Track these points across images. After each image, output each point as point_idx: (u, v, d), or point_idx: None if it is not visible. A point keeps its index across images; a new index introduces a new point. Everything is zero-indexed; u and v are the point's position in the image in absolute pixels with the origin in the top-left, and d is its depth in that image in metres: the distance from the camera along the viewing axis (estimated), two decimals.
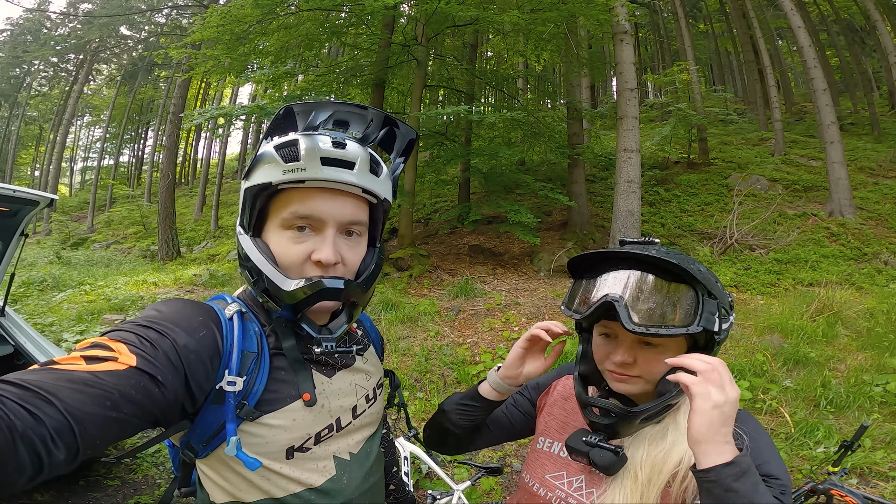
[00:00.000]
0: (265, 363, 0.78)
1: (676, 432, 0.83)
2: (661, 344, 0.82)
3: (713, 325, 0.76)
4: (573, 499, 0.90)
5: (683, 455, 0.80)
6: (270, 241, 0.78)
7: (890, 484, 2.87)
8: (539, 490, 0.95)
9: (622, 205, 6.67)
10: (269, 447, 0.76)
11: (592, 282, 0.84)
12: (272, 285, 0.75)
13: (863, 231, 7.99)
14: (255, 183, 0.75)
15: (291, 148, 0.74)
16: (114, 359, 0.60)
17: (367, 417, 0.92)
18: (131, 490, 2.97)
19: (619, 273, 0.81)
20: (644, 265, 0.80)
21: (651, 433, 0.85)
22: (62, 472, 0.53)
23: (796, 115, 17.62)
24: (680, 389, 0.79)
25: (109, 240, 18.48)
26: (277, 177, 0.73)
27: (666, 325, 0.75)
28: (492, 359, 4.67)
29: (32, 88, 28.79)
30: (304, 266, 0.76)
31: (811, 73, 9.67)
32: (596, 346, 0.90)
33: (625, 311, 0.76)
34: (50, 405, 0.51)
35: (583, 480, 0.91)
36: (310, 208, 0.75)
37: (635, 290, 0.78)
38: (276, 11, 7.55)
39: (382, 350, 1.09)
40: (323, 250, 0.75)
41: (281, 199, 0.76)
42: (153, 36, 24.14)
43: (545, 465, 0.97)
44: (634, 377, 0.83)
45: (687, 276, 0.76)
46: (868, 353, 4.41)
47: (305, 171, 0.73)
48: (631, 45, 7.08)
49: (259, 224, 0.80)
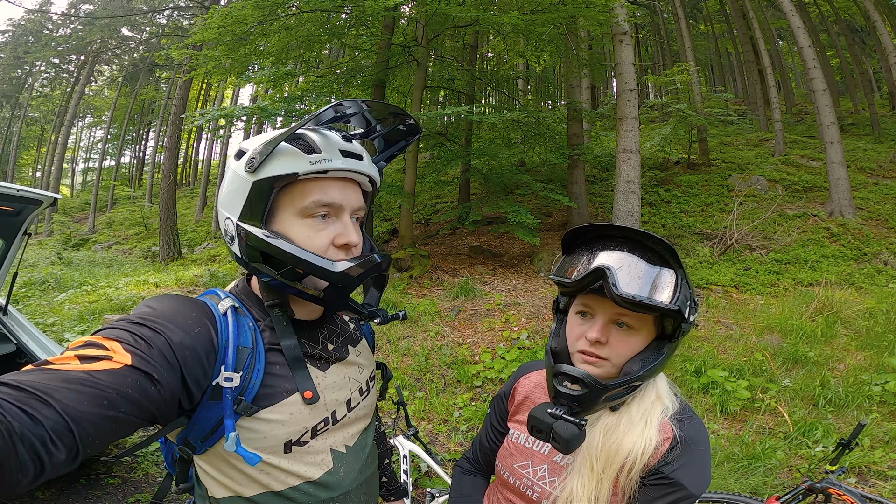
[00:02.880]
0: (260, 358, 0.78)
1: (629, 423, 0.86)
2: (633, 327, 0.85)
3: (685, 310, 0.80)
4: (538, 486, 0.94)
5: (632, 446, 0.83)
6: (289, 230, 0.78)
7: (889, 483, 2.87)
8: (509, 478, 1.00)
9: (622, 205, 6.68)
10: (268, 442, 0.77)
11: (585, 255, 0.88)
12: (317, 270, 0.76)
13: (863, 231, 7.99)
14: (274, 174, 0.75)
15: (310, 142, 0.77)
16: (108, 357, 0.60)
17: (361, 410, 0.94)
18: (132, 488, 2.98)
19: (612, 250, 0.85)
20: (633, 244, 0.84)
21: (606, 422, 0.88)
22: (64, 471, 0.53)
23: (796, 116, 17.64)
24: (643, 373, 0.83)
25: (111, 241, 18.52)
26: (304, 167, 0.75)
27: (650, 297, 0.79)
28: (491, 358, 4.68)
29: (34, 89, 28.83)
30: (328, 251, 0.79)
31: (811, 74, 9.68)
32: (570, 325, 0.92)
33: (613, 276, 0.80)
34: (47, 406, 0.51)
35: (546, 469, 0.95)
36: (331, 196, 0.78)
37: (625, 264, 0.82)
38: (277, 13, 7.57)
39: (374, 343, 1.12)
40: (349, 234, 0.80)
41: (296, 189, 0.77)
42: (154, 37, 24.20)
43: (514, 454, 1.01)
44: (603, 359, 0.86)
45: (672, 259, 0.82)
46: (867, 353, 4.42)
47: (332, 161, 0.76)
48: (631, 46, 7.09)
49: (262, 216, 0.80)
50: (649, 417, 0.86)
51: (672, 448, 0.84)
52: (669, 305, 0.78)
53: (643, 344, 0.86)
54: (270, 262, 0.77)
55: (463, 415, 3.85)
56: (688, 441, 0.85)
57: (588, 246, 0.89)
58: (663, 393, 0.90)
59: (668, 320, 0.85)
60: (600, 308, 0.86)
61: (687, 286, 0.81)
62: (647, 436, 0.84)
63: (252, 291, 0.88)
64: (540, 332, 5.17)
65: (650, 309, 0.80)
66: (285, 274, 0.77)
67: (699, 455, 0.85)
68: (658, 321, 0.86)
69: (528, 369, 1.13)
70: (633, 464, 0.83)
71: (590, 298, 0.88)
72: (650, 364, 0.83)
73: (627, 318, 0.85)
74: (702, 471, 0.84)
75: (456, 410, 3.93)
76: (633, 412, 0.87)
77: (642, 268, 0.81)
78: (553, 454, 0.96)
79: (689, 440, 0.85)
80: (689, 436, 0.85)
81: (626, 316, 0.84)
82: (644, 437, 0.84)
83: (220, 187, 0.85)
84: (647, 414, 0.87)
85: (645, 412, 0.87)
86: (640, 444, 0.83)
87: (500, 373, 4.42)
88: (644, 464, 0.83)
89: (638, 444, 0.83)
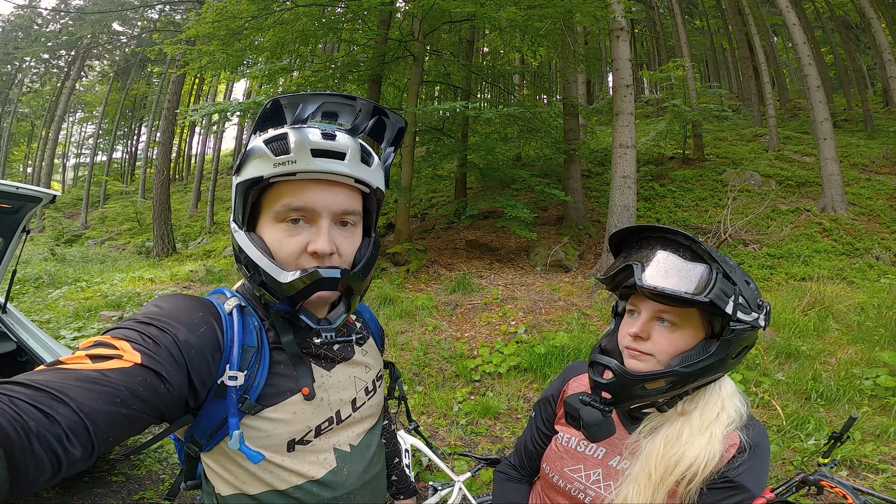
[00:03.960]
0: (265, 357, 0.78)
1: (691, 434, 0.86)
2: (675, 323, 0.86)
3: (724, 304, 0.79)
4: (591, 490, 0.95)
5: (694, 459, 0.84)
6: (265, 234, 0.78)
7: (880, 476, 2.91)
8: (558, 481, 1.00)
9: (618, 200, 6.72)
10: (271, 440, 0.78)
11: (625, 254, 0.92)
12: (269, 278, 0.75)
13: (855, 226, 8.08)
14: (246, 178, 0.75)
15: (281, 141, 0.74)
16: (118, 356, 0.61)
17: (366, 410, 0.93)
18: (135, 486, 2.99)
19: (647, 249, 0.88)
20: (666, 242, 0.86)
21: (668, 433, 0.88)
22: (80, 469, 0.54)
23: (791, 112, 17.73)
24: (680, 368, 0.83)
25: (104, 236, 18.38)
26: (269, 170, 0.73)
27: (674, 289, 0.80)
28: (489, 353, 4.71)
29: (24, 85, 28.45)
30: (300, 258, 0.76)
31: (805, 71, 9.73)
32: (621, 325, 0.95)
33: (640, 270, 0.83)
34: (63, 404, 0.51)
35: (600, 474, 0.95)
36: (302, 200, 0.75)
37: (657, 260, 0.84)
38: (272, 7, 7.52)
39: (383, 342, 1.10)
40: (318, 241, 0.75)
41: (273, 192, 0.76)
42: (146, 32, 23.89)
43: (563, 458, 1.01)
44: (646, 354, 0.88)
45: (704, 255, 0.82)
46: (858, 347, 4.48)
47: (296, 163, 0.73)
48: (627, 42, 7.10)
49: (252, 219, 0.80)
50: (714, 429, 0.86)
51: (739, 453, 0.86)
52: (697, 297, 0.78)
53: (689, 342, 0.86)
54: (247, 265, 0.78)
55: (462, 409, 3.89)
56: (754, 447, 0.87)
57: (631, 247, 0.93)
58: (728, 403, 0.90)
59: (717, 319, 0.85)
60: (643, 305, 0.89)
61: (728, 282, 0.80)
62: (710, 450, 0.84)
63: None
64: (537, 327, 5.21)
65: (676, 301, 0.81)
66: (253, 278, 0.77)
67: (762, 458, 0.87)
68: (706, 319, 0.86)
69: (576, 370, 1.12)
70: (694, 476, 0.83)
71: (636, 298, 0.91)
72: (690, 361, 0.83)
73: (668, 314, 0.86)
74: (764, 473, 0.87)
75: (455, 404, 3.96)
76: (694, 422, 0.87)
77: (672, 262, 0.83)
78: (608, 458, 0.96)
79: (755, 446, 0.87)
80: (755, 441, 0.87)
81: (666, 312, 0.86)
82: (708, 450, 0.84)
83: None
84: (711, 425, 0.86)
85: (709, 423, 0.87)
86: (704, 458, 0.83)
87: (497, 367, 4.46)
88: (706, 476, 0.84)
89: (701, 456, 0.83)
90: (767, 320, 0.86)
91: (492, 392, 4.16)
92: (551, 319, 5.43)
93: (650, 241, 0.88)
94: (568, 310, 5.69)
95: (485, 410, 3.81)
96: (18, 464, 0.46)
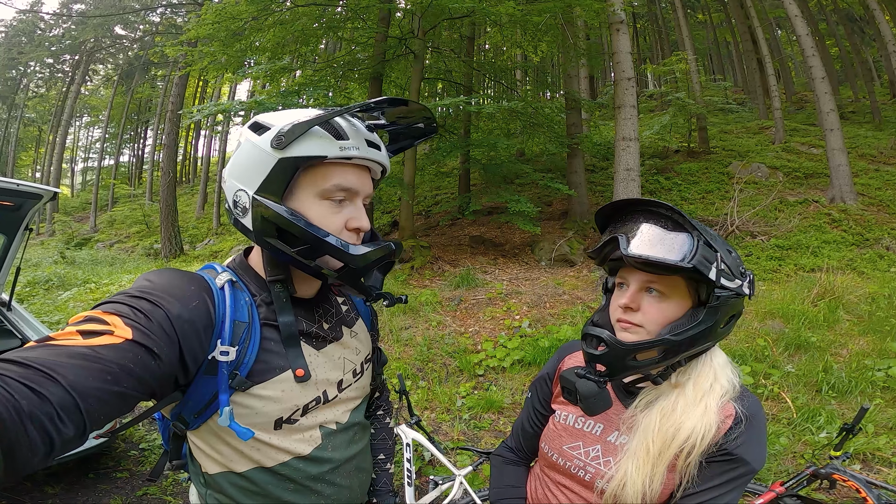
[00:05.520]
0: (256, 333, 0.79)
1: (686, 406, 0.87)
2: (663, 292, 0.88)
3: (707, 270, 0.80)
4: (591, 467, 0.94)
5: (691, 431, 0.84)
6: (307, 209, 0.79)
7: (893, 469, 2.84)
8: (558, 460, 1.00)
9: (622, 193, 6.67)
10: (259, 418, 0.78)
11: (610, 229, 0.94)
12: (336, 251, 0.77)
13: (864, 217, 7.97)
14: (302, 154, 0.75)
15: (338, 128, 0.79)
16: (109, 332, 0.60)
17: (352, 391, 0.94)
18: (140, 482, 3.00)
19: (631, 222, 0.90)
20: (649, 214, 0.89)
21: (663, 405, 0.88)
22: (73, 448, 0.53)
23: (796, 104, 17.55)
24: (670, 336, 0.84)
25: (112, 239, 18.54)
26: (334, 152, 0.77)
27: (658, 256, 0.82)
28: (493, 347, 4.69)
29: (29, 90, 28.77)
30: (341, 233, 0.81)
31: (809, 62, 9.61)
32: (612, 299, 0.97)
33: (625, 241, 0.85)
34: (54, 382, 0.51)
35: (599, 450, 0.95)
36: (350, 182, 0.81)
37: (641, 231, 0.87)
38: (271, 7, 7.53)
39: (375, 324, 1.10)
40: (362, 219, 0.83)
41: (319, 172, 0.79)
42: (148, 35, 24.08)
43: (562, 436, 1.01)
44: (636, 325, 0.88)
45: (686, 224, 0.85)
46: (869, 338, 4.41)
47: (359, 150, 0.79)
48: (627, 35, 7.05)
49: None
50: (708, 401, 0.87)
51: (735, 425, 0.86)
52: (681, 264, 0.80)
53: (678, 311, 0.87)
54: (284, 238, 0.77)
55: (465, 403, 3.87)
56: (749, 417, 0.87)
57: (616, 222, 0.94)
58: (721, 374, 0.91)
59: (703, 287, 0.86)
60: (632, 277, 0.90)
61: (710, 250, 0.82)
62: (706, 421, 0.85)
63: (250, 266, 0.88)
64: (541, 321, 5.18)
65: (661, 268, 0.83)
66: (301, 251, 0.77)
67: (759, 431, 0.88)
68: (692, 288, 0.88)
69: (571, 348, 1.12)
70: (693, 448, 0.84)
71: (625, 270, 0.92)
72: (680, 329, 0.84)
73: (656, 283, 0.87)
74: (762, 446, 0.88)
75: (458, 399, 3.94)
76: (688, 393, 0.88)
77: (655, 232, 0.85)
78: (606, 434, 0.96)
79: (750, 416, 0.87)
80: (750, 412, 0.88)
81: (654, 282, 0.87)
82: (704, 421, 0.85)
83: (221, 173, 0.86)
84: (705, 396, 0.87)
85: (703, 394, 0.87)
86: (700, 429, 0.84)
87: (501, 361, 4.43)
88: (704, 448, 0.85)
89: (697, 428, 0.84)
90: (752, 289, 0.87)
91: (495, 386, 4.14)
92: (555, 313, 5.40)
93: (634, 215, 0.90)
94: (572, 303, 5.66)
95: (488, 405, 3.79)
96: (12, 445, 0.46)
